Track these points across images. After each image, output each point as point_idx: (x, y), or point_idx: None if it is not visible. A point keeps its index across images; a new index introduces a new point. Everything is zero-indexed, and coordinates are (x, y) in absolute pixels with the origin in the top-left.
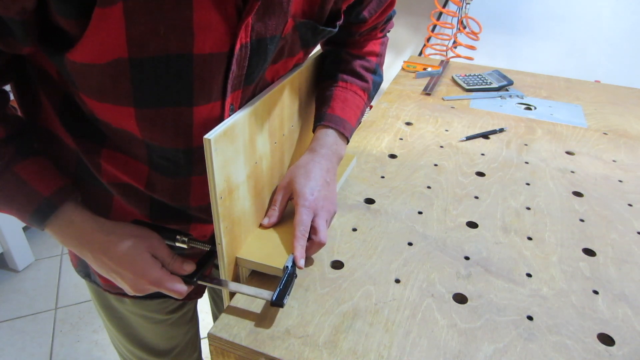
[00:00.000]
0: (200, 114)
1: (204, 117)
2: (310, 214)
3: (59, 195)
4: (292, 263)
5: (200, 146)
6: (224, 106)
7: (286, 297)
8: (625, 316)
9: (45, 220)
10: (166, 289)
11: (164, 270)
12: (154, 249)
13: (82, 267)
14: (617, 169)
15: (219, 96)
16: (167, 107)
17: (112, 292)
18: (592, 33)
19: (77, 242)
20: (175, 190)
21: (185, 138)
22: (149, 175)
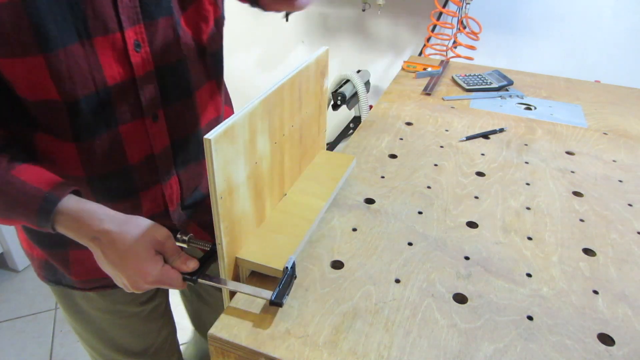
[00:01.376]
0: (103, 46)
1: (108, 49)
2: None
3: (58, 189)
4: (292, 264)
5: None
6: (125, 39)
7: (285, 297)
8: (625, 316)
9: (50, 215)
10: (164, 286)
11: (165, 267)
12: (160, 244)
13: (49, 275)
14: (617, 169)
15: (116, 28)
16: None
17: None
18: (592, 33)
19: (87, 236)
20: (109, 150)
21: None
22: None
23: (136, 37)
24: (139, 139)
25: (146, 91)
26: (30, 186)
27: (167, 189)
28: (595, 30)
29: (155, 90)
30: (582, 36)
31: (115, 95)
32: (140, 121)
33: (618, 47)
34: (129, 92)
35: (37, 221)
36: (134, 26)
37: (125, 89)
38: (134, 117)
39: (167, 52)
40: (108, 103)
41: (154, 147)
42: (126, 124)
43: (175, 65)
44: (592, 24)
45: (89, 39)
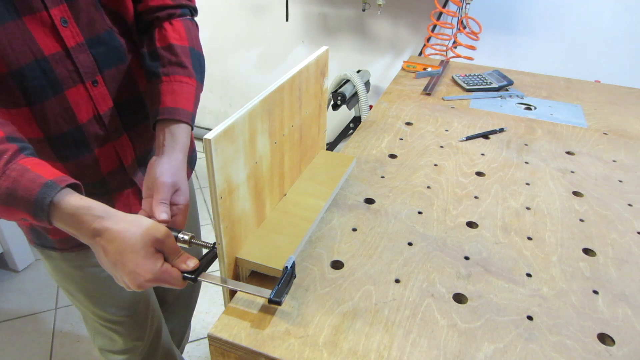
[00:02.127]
0: (33, 23)
1: (38, 26)
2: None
3: (60, 180)
4: (292, 263)
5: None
6: (52, 17)
7: (284, 296)
8: (625, 316)
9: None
10: (165, 285)
11: (165, 266)
12: (160, 243)
13: (35, 238)
14: (617, 169)
15: (41, 7)
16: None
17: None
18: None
19: (87, 233)
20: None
21: (34, 47)
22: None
23: (62, 14)
24: (84, 101)
25: (81, 59)
26: (34, 173)
27: (119, 146)
28: (595, 30)
29: (89, 58)
30: (582, 36)
31: (54, 63)
32: (83, 86)
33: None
34: (66, 61)
35: (35, 209)
36: (58, 6)
37: (61, 58)
38: (76, 82)
39: (93, 25)
40: (50, 70)
41: (99, 109)
42: (70, 88)
43: (104, 36)
44: (592, 24)
45: (20, 17)
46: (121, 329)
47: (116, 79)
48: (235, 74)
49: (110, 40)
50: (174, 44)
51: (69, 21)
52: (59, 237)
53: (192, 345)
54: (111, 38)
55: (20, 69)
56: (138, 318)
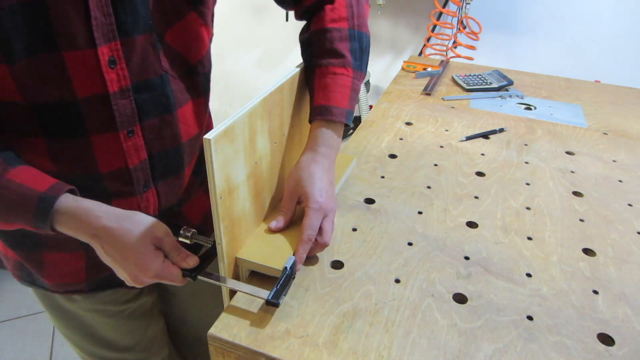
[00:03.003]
0: (73, 60)
1: (79, 65)
2: (320, 217)
3: (54, 189)
4: (292, 264)
5: (86, 98)
6: (98, 56)
7: (282, 297)
8: (625, 316)
9: (48, 215)
10: (164, 282)
11: (165, 263)
12: (159, 240)
13: (24, 275)
14: (617, 169)
15: (88, 44)
16: (36, 55)
17: (60, 292)
18: (592, 33)
19: (86, 233)
20: (78, 154)
21: (67, 88)
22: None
23: (111, 53)
24: (111, 150)
25: (120, 107)
26: (27, 187)
27: (142, 201)
28: (595, 30)
29: (130, 106)
30: (582, 36)
31: (85, 107)
32: (114, 134)
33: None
34: (101, 107)
35: (35, 222)
36: (109, 43)
37: (96, 103)
38: (107, 130)
39: (146, 69)
40: (77, 113)
41: (129, 161)
42: (98, 134)
43: (154, 81)
44: (592, 24)
45: (57, 52)
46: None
47: (156, 130)
48: (235, 74)
49: (160, 87)
50: (329, 28)
51: (117, 62)
52: (53, 282)
53: None
54: (162, 84)
55: (41, 104)
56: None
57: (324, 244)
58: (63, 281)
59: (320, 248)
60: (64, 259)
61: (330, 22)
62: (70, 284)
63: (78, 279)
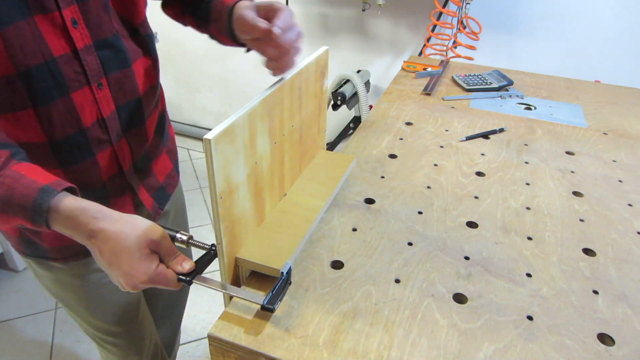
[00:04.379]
0: (44, 23)
1: (50, 27)
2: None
3: (55, 184)
4: (288, 269)
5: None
6: (64, 17)
7: (277, 302)
8: (625, 316)
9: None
10: (160, 286)
11: (160, 267)
12: (155, 244)
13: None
14: (617, 169)
15: (54, 7)
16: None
17: (59, 259)
18: (592, 33)
19: (83, 234)
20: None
21: (44, 48)
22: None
23: (72, 15)
24: (89, 104)
25: (88, 61)
26: (29, 179)
27: (118, 150)
28: (595, 30)
29: (96, 61)
30: (582, 36)
31: (62, 64)
32: (88, 88)
33: (618, 47)
34: (74, 63)
35: (32, 215)
36: (69, 6)
37: (70, 60)
38: (82, 85)
39: (101, 28)
40: (57, 71)
41: (103, 112)
42: (76, 91)
43: (111, 39)
44: (592, 24)
45: (31, 17)
46: (120, 341)
47: (119, 83)
48: (235, 74)
49: (116, 44)
50: None
51: (79, 22)
52: (53, 246)
53: (192, 345)
54: (117, 42)
55: (28, 70)
56: (136, 332)
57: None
58: (61, 244)
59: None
60: None
61: None
62: (68, 247)
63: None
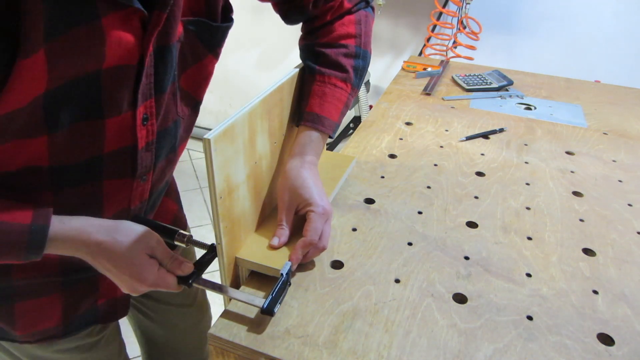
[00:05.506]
0: (112, 125)
1: (116, 128)
2: (323, 221)
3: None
4: (288, 270)
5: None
6: (135, 116)
7: (277, 305)
8: (625, 316)
9: (43, 247)
10: (160, 289)
11: (160, 271)
12: (152, 248)
13: None
14: (617, 169)
15: (130, 107)
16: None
17: (32, 342)
18: (592, 33)
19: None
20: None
21: (97, 148)
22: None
23: (146, 111)
24: (120, 196)
25: (144, 159)
26: (7, 224)
27: None
28: (595, 30)
29: (151, 157)
30: (582, 36)
31: (108, 160)
32: (129, 181)
33: (618, 47)
34: (124, 159)
35: (27, 256)
36: (145, 102)
37: (120, 157)
38: (122, 177)
39: (167, 118)
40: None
41: (132, 203)
42: (111, 179)
43: (170, 128)
44: (592, 24)
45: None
46: None
47: (162, 171)
48: (235, 74)
49: (174, 132)
50: (337, 44)
51: (149, 119)
52: (25, 332)
53: None
54: (175, 129)
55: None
56: None
57: (323, 247)
58: (36, 329)
59: (319, 252)
60: (38, 305)
61: (338, 38)
62: (44, 330)
63: (52, 324)
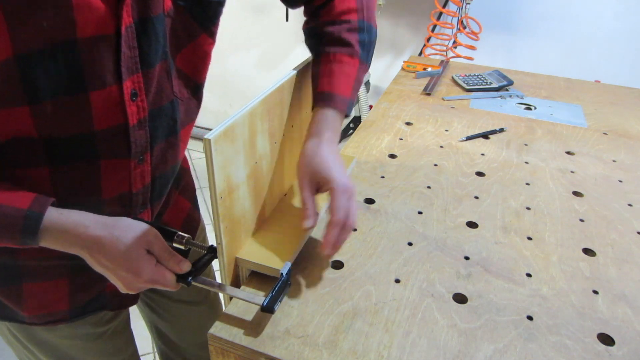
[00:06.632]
0: (97, 98)
1: (102, 102)
2: (347, 198)
3: (37, 204)
4: (287, 270)
5: (103, 130)
6: (122, 90)
7: (277, 304)
8: (625, 316)
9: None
10: (159, 287)
11: (158, 267)
12: (150, 244)
13: None
14: (617, 169)
15: (115, 81)
16: (61, 97)
17: (39, 324)
18: (592, 33)
19: (76, 246)
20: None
21: (86, 123)
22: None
23: (133, 86)
24: (118, 177)
25: (137, 137)
26: (7, 207)
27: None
28: (595, 30)
29: (146, 136)
30: (582, 36)
31: (100, 138)
32: (126, 162)
33: (618, 47)
34: (118, 138)
35: (22, 240)
36: (131, 76)
37: (113, 135)
38: (118, 157)
39: (160, 97)
40: (92, 145)
41: (133, 187)
42: (108, 159)
43: (166, 107)
44: (592, 24)
45: (85, 92)
46: None
47: (162, 154)
48: (235, 74)
49: (170, 112)
50: (338, 20)
51: (139, 94)
52: (33, 314)
53: None
54: (172, 109)
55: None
56: None
57: (351, 225)
58: (44, 312)
59: (348, 231)
60: (46, 288)
61: (339, 14)
62: (52, 313)
63: (60, 307)
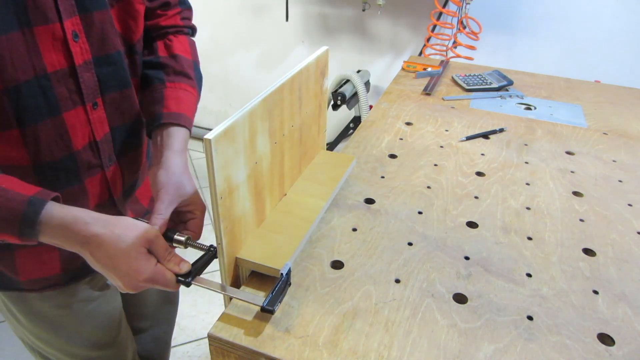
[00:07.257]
0: (43, 34)
1: (48, 38)
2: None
3: (41, 194)
4: (288, 270)
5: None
6: (65, 29)
7: (277, 304)
8: (625, 316)
9: (37, 220)
10: (159, 286)
11: (158, 266)
12: (151, 244)
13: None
14: (617, 169)
15: (56, 18)
16: (10, 33)
17: (35, 290)
18: (592, 33)
19: (75, 242)
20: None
21: (38, 63)
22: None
23: (74, 27)
24: (82, 125)
25: (85, 79)
26: (12, 192)
27: (110, 175)
28: (595, 30)
29: (93, 79)
30: (582, 36)
31: (55, 81)
32: (82, 108)
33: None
34: (69, 79)
35: (22, 228)
36: (71, 17)
37: (65, 76)
38: (76, 104)
39: (104, 44)
40: (49, 88)
41: (96, 134)
42: (69, 110)
43: (114, 56)
44: (592, 24)
45: (30, 27)
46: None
47: (116, 103)
48: (235, 74)
49: (119, 62)
50: (179, 55)
51: (80, 36)
52: (28, 278)
53: (192, 345)
54: (119, 59)
55: (17, 86)
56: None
57: None
58: (38, 275)
59: None
60: (39, 253)
61: (179, 51)
62: (46, 277)
63: (53, 271)
